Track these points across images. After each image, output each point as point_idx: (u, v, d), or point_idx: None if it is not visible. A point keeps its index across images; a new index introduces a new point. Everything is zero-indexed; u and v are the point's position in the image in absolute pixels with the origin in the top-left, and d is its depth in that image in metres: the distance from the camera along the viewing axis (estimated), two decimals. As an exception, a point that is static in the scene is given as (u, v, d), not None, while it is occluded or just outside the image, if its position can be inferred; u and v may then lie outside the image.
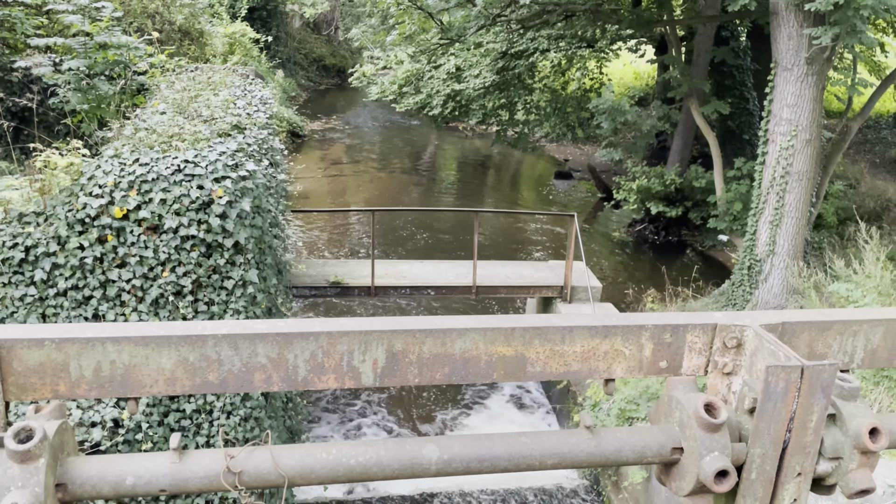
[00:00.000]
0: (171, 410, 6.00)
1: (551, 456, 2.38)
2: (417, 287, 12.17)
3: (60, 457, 2.02)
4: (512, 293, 12.54)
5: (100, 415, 5.42)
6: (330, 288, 11.75)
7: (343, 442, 2.32)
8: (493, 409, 12.55)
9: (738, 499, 2.36)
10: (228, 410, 6.22)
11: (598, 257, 19.22)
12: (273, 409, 7.29)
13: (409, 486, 10.45)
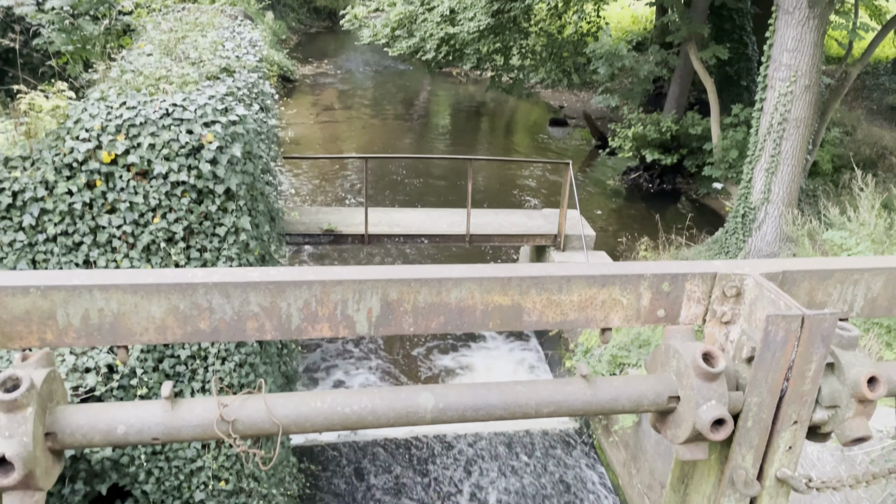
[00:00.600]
0: (165, 356, 6.00)
1: (547, 404, 2.37)
2: (411, 235, 12.12)
3: (49, 406, 1.98)
4: (505, 241, 12.52)
5: (94, 361, 5.41)
6: (323, 236, 11.69)
7: (338, 391, 2.30)
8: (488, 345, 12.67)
9: (734, 446, 2.37)
10: (223, 357, 6.23)
11: (592, 205, 19.16)
12: (268, 355, 7.31)
13: (404, 430, 10.60)
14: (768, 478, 2.42)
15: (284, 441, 8.01)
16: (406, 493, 9.37)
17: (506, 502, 9.36)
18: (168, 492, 6.04)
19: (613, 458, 10.07)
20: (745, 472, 2.38)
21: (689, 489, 2.72)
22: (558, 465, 10.17)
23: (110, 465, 5.61)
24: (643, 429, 9.14)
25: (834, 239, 8.76)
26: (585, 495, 9.68)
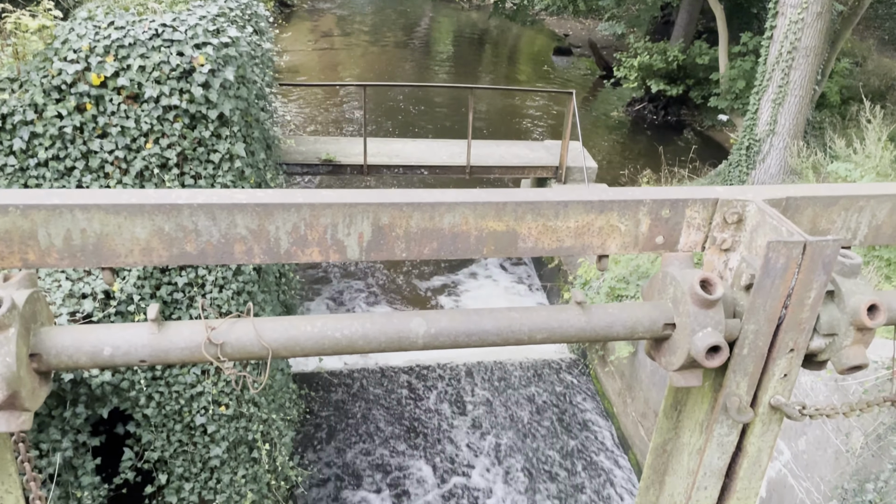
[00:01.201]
0: (162, 283, 5.99)
1: (541, 331, 2.34)
2: (410, 166, 11.98)
3: (33, 327, 1.95)
4: (506, 173, 12.38)
5: (90, 287, 5.40)
6: (322, 166, 11.55)
7: (328, 315, 2.26)
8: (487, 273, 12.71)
9: (728, 374, 2.35)
10: (220, 284, 6.22)
11: (594, 137, 18.90)
12: (266, 283, 7.31)
13: (403, 358, 10.73)
14: (762, 405, 2.41)
15: (284, 368, 8.10)
16: (405, 419, 9.55)
17: (502, 429, 9.54)
18: (169, 416, 6.13)
19: (609, 387, 10.22)
20: (739, 399, 2.37)
21: (681, 416, 2.72)
22: (554, 394, 10.33)
23: (110, 389, 5.68)
24: (638, 359, 9.23)
25: (838, 171, 8.64)
26: (581, 424, 9.86)
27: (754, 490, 2.61)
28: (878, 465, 4.66)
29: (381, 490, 8.42)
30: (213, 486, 6.46)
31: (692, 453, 2.70)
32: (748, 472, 2.55)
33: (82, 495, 5.84)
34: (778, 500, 5.91)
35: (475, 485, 8.62)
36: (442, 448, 9.10)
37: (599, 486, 8.81)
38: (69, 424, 5.65)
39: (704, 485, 2.59)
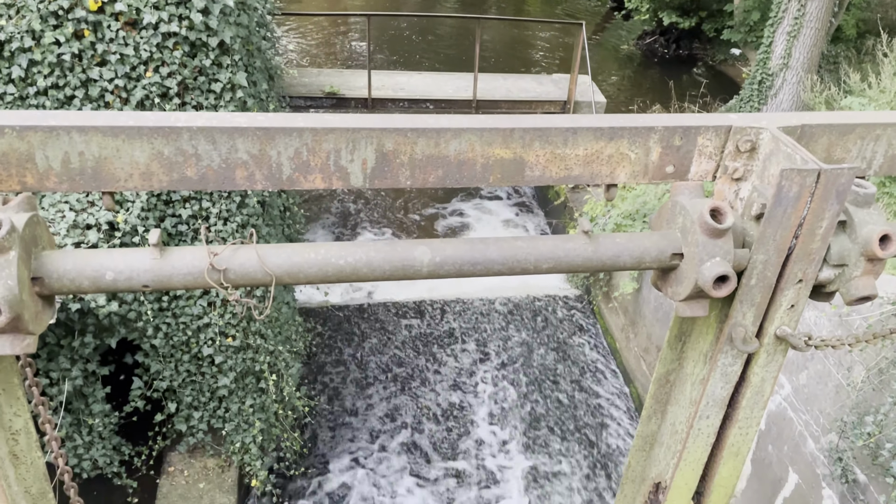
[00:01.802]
0: (167, 216, 5.98)
1: (547, 260, 2.32)
2: (416, 100, 11.79)
3: (34, 250, 1.93)
4: (513, 108, 12.18)
5: (94, 217, 5.38)
6: (325, 99, 11.37)
7: (332, 243, 2.24)
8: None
9: (735, 304, 2.33)
10: (225, 217, 6.20)
11: (604, 71, 18.52)
12: (270, 217, 7.29)
13: (408, 293, 10.78)
14: (767, 335, 2.40)
15: (290, 301, 8.16)
16: (410, 352, 9.67)
17: (507, 363, 9.66)
18: (176, 346, 6.20)
19: (612, 323, 10.29)
20: (745, 330, 2.36)
21: (686, 346, 2.72)
22: (558, 329, 10.41)
23: (118, 319, 5.73)
24: (642, 295, 9.26)
25: (852, 106, 8.46)
26: (584, 358, 9.97)
27: (756, 419, 2.63)
28: (878, 399, 4.71)
29: (386, 420, 8.59)
30: (221, 414, 6.59)
31: (695, 383, 2.71)
32: (751, 402, 2.57)
33: (93, 422, 5.97)
34: (777, 433, 6.00)
35: (479, 418, 8.78)
36: (446, 380, 9.23)
37: (600, 418, 8.97)
38: (78, 354, 5.72)
39: (707, 413, 2.61)
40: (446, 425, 8.61)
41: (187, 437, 6.67)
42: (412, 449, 8.27)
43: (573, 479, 8.14)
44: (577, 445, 8.54)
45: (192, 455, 6.96)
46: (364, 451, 8.19)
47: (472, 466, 8.14)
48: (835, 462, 5.04)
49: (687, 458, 2.73)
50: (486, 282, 11.09)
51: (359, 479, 7.88)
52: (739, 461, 2.75)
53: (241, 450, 6.73)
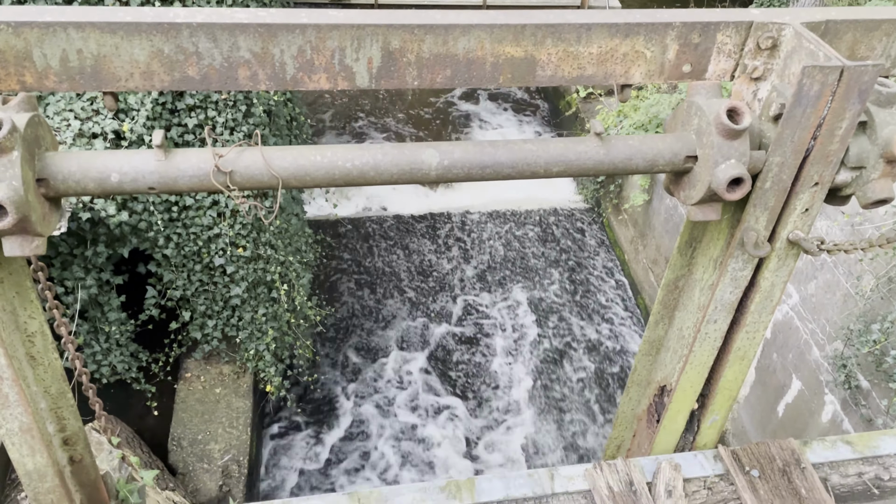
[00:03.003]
0: (172, 124, 5.91)
1: (557, 163, 2.27)
2: (424, 5, 11.43)
3: (37, 151, 1.91)
4: (525, 11, 11.77)
5: (100, 126, 5.33)
6: (330, 4, 11.03)
7: (339, 146, 2.20)
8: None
9: (748, 207, 2.30)
10: (231, 126, 6.12)
11: (619, -26, 17.77)
12: (277, 126, 7.20)
13: (418, 206, 10.76)
14: (779, 240, 2.38)
15: (299, 213, 8.16)
16: (419, 262, 9.74)
17: (515, 275, 9.73)
18: (188, 256, 6.26)
19: (622, 235, 10.28)
20: (757, 234, 2.34)
21: (696, 252, 2.71)
22: (568, 242, 10.42)
23: (129, 229, 5.76)
24: (652, 206, 9.21)
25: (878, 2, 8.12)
26: (593, 270, 10.02)
27: (763, 324, 2.64)
28: (885, 308, 4.73)
29: (397, 327, 8.75)
30: (234, 323, 6.71)
31: (704, 289, 2.71)
32: (759, 307, 2.57)
33: (110, 330, 6.10)
34: (783, 341, 6.07)
35: (488, 325, 8.92)
36: (455, 289, 9.34)
37: (607, 327, 9.10)
38: (91, 263, 5.79)
39: (714, 318, 2.62)
40: (456, 333, 8.77)
41: (202, 344, 6.82)
42: (424, 354, 8.46)
43: (580, 386, 8.33)
44: (584, 354, 8.70)
45: (208, 362, 7.14)
46: (375, 357, 8.38)
47: (479, 381, 8.34)
48: (838, 369, 5.12)
49: (693, 361, 2.76)
50: (495, 195, 11.04)
51: (370, 383, 8.10)
52: (745, 365, 2.78)
53: (256, 357, 6.89)
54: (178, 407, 6.73)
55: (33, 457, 2.38)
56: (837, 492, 2.78)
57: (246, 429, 6.71)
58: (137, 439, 6.18)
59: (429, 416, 7.86)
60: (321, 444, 7.53)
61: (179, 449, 6.43)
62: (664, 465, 2.80)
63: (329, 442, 7.55)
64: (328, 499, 2.70)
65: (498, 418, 7.92)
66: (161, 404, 6.63)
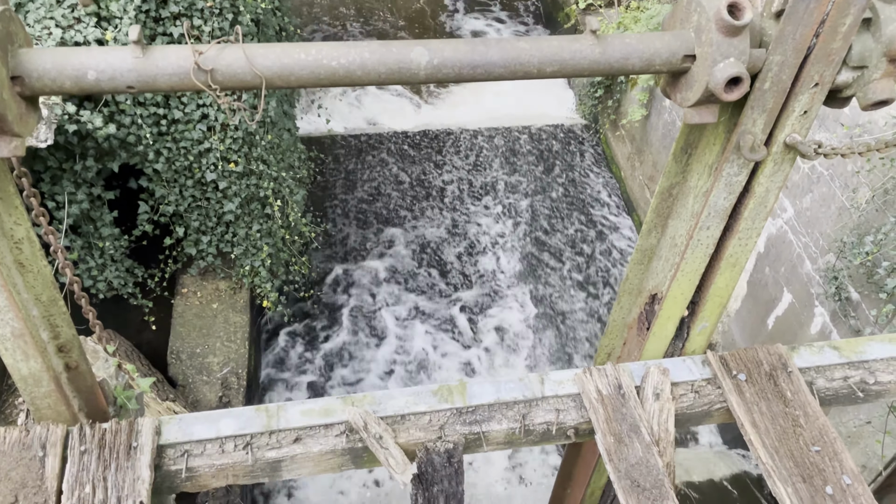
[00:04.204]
0: (157, 34, 5.70)
1: (551, 63, 2.20)
2: None
3: (10, 48, 1.83)
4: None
5: (82, 35, 5.15)
6: None
7: (324, 43, 2.12)
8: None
9: (746, 110, 2.25)
10: (218, 35, 5.93)
11: None
12: (266, 37, 6.98)
13: (411, 122, 10.61)
14: (776, 144, 2.33)
15: (291, 129, 8.03)
16: (413, 180, 9.67)
17: (510, 191, 9.68)
18: (179, 171, 6.18)
19: (618, 152, 10.18)
20: (754, 138, 2.29)
21: (691, 159, 2.67)
22: (564, 158, 10.32)
23: (117, 143, 5.66)
24: (650, 122, 9.08)
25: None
26: (588, 187, 9.97)
27: (756, 230, 2.63)
28: (880, 220, 4.72)
29: (391, 244, 8.76)
30: (229, 239, 6.70)
31: (698, 196, 2.68)
32: (753, 213, 2.55)
33: (104, 245, 6.09)
34: (775, 255, 6.10)
35: (482, 238, 8.94)
36: (448, 205, 9.31)
37: (602, 241, 9.12)
38: (81, 177, 5.72)
39: (707, 224, 2.61)
40: (451, 245, 8.79)
41: (197, 260, 6.82)
42: (417, 265, 8.51)
43: (571, 296, 8.42)
44: (577, 267, 8.76)
45: (204, 278, 7.17)
46: (370, 271, 8.43)
47: (475, 292, 8.41)
48: (830, 281, 5.16)
49: (684, 268, 2.76)
50: (490, 111, 10.86)
51: (366, 297, 8.18)
52: (737, 272, 2.78)
53: (251, 273, 6.91)
54: (176, 321, 6.80)
55: (27, 362, 2.40)
56: (822, 395, 2.84)
57: (244, 343, 6.80)
58: (136, 352, 6.27)
59: (425, 328, 7.97)
60: (318, 357, 7.67)
61: (178, 362, 6.53)
62: (653, 369, 2.85)
63: (326, 355, 7.68)
64: (322, 402, 2.74)
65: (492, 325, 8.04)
66: (159, 319, 6.70)
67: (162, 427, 2.60)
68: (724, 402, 2.84)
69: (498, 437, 2.81)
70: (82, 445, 2.44)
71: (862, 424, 5.01)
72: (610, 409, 2.75)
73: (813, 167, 5.53)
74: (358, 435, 2.71)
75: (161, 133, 5.93)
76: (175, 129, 5.96)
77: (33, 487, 2.26)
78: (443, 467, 2.69)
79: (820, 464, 2.52)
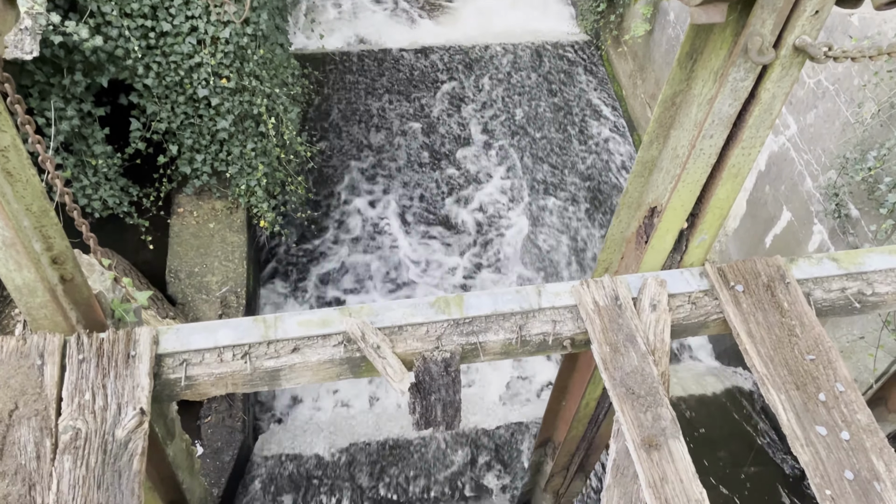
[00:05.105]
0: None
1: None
2: None
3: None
4: None
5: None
6: None
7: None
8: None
9: (755, 10, 2.16)
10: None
11: None
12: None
13: (407, 39, 10.33)
14: (785, 46, 2.25)
15: (284, 43, 7.81)
16: (410, 97, 9.49)
17: (510, 108, 9.52)
18: (170, 87, 6.04)
19: (620, 69, 9.96)
20: (762, 39, 2.21)
21: (696, 65, 2.58)
22: (564, 75, 10.10)
23: (105, 57, 5.50)
24: (654, 38, 8.84)
25: None
26: (588, 105, 9.79)
27: (760, 139, 2.58)
28: (884, 135, 4.64)
29: (387, 162, 8.67)
30: (224, 158, 6.60)
31: (702, 104, 2.61)
32: (758, 120, 2.49)
33: (97, 163, 6.01)
34: (776, 173, 6.04)
35: (480, 159, 8.84)
36: (447, 122, 9.16)
37: (600, 159, 9.03)
38: (70, 93, 5.59)
39: (711, 133, 2.55)
40: (448, 166, 8.70)
41: (192, 179, 6.75)
42: (415, 184, 8.45)
43: (570, 211, 8.40)
44: (576, 182, 8.70)
45: (200, 197, 7.11)
46: (368, 190, 8.37)
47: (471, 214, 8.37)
48: (830, 198, 5.12)
49: (685, 179, 2.72)
50: (488, 27, 10.56)
51: (363, 215, 8.15)
52: (738, 182, 2.74)
53: (247, 192, 6.85)
54: (173, 241, 6.78)
55: (20, 272, 2.38)
56: (819, 306, 2.85)
57: (242, 262, 6.81)
58: (135, 271, 6.29)
59: (420, 246, 7.98)
60: (317, 275, 7.70)
61: (177, 281, 6.55)
62: (650, 280, 2.84)
63: (324, 273, 7.71)
64: (320, 313, 2.75)
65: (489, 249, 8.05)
66: (156, 239, 6.68)
67: (160, 337, 2.61)
68: (720, 313, 2.84)
69: (495, 347, 2.83)
70: (80, 354, 2.45)
71: (855, 340, 5.08)
72: (606, 319, 2.76)
73: (818, 82, 5.41)
74: (356, 345, 2.72)
75: (150, 46, 5.76)
76: (164, 42, 5.79)
77: (33, 395, 2.28)
78: (440, 376, 2.72)
79: (814, 372, 2.55)
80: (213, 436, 5.78)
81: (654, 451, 2.39)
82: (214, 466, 5.61)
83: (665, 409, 2.50)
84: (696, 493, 2.30)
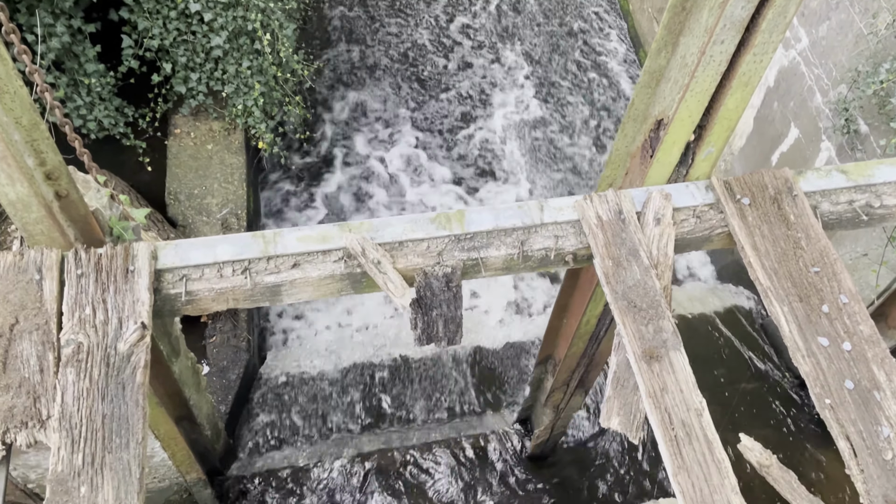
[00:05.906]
0: None
1: None
2: None
3: None
4: None
5: None
6: None
7: None
8: None
9: None
10: None
11: None
12: None
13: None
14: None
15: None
16: (412, 15, 9.20)
17: (511, 25, 9.24)
18: (161, 1, 5.84)
19: (627, -18, 9.61)
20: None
21: (708, -34, 2.46)
22: (568, -11, 9.76)
23: (92, -31, 5.31)
24: (664, -52, 8.48)
25: None
26: (593, 20, 9.50)
27: (773, 45, 2.48)
28: (899, 47, 4.50)
29: (388, 81, 8.49)
30: (219, 76, 6.45)
31: (713, 7, 2.50)
32: (771, 24, 2.39)
33: (90, 82, 5.87)
34: (785, 89, 5.89)
35: (480, 81, 8.64)
36: (448, 38, 8.92)
37: (606, 79, 8.83)
38: (59, 8, 5.41)
39: (722, 38, 2.45)
40: (449, 86, 8.52)
41: (188, 98, 6.61)
42: (417, 111, 8.30)
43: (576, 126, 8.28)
44: (580, 99, 8.54)
45: (197, 118, 6.98)
46: (368, 109, 8.23)
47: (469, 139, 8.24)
48: (840, 113, 5.00)
49: (694, 88, 2.64)
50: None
51: (363, 136, 8.03)
52: (748, 92, 2.66)
53: (244, 112, 6.72)
54: (171, 163, 6.70)
55: (13, 186, 2.34)
56: (826, 219, 2.81)
57: (241, 184, 6.74)
58: (134, 192, 6.24)
59: (422, 167, 7.90)
60: (317, 196, 7.65)
61: (177, 203, 6.51)
62: (654, 194, 2.79)
63: (324, 194, 7.66)
64: (319, 229, 2.72)
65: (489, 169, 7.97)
66: (154, 161, 6.60)
67: (158, 252, 2.58)
68: (725, 227, 2.81)
69: (496, 262, 2.81)
70: (79, 269, 2.43)
71: (858, 256, 5.06)
72: (609, 233, 2.73)
73: (833, -8, 5.20)
74: (356, 261, 2.70)
75: (137, -41, 5.54)
76: (152, -45, 5.56)
77: (33, 309, 2.27)
78: (441, 292, 2.71)
79: (818, 284, 2.53)
80: (218, 355, 5.85)
81: (654, 362, 2.39)
82: (221, 385, 5.71)
83: (667, 322, 2.50)
84: (695, 402, 2.32)
